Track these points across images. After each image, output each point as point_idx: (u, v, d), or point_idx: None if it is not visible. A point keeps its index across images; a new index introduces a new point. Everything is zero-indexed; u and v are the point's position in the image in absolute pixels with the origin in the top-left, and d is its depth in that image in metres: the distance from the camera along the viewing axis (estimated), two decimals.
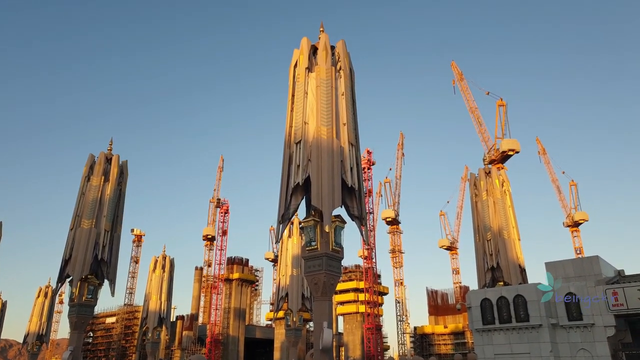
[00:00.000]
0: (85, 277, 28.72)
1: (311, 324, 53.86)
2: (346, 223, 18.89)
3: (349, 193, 19.14)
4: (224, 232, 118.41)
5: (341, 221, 18.64)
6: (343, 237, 18.74)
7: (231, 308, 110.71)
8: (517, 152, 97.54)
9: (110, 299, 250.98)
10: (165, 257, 50.73)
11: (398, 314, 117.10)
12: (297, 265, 40.13)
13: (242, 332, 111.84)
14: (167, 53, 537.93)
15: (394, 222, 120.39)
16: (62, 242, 29.89)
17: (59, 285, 29.45)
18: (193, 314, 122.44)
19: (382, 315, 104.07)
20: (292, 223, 41.19)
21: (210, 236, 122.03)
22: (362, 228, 19.23)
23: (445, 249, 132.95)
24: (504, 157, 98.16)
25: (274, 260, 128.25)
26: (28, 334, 51.53)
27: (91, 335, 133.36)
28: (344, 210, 19.10)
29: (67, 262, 28.99)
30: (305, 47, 20.98)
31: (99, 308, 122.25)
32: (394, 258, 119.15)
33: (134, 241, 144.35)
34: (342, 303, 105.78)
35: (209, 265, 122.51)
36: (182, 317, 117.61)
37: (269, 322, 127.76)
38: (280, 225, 19.10)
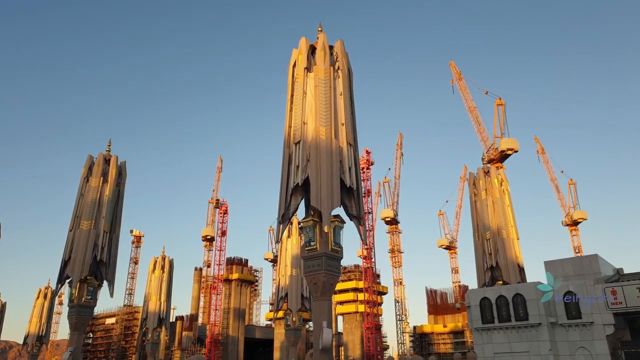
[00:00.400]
0: (85, 278, 28.81)
1: (311, 323, 54.08)
2: (345, 223, 18.94)
3: (347, 193, 19.17)
4: (223, 233, 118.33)
5: (340, 221, 18.67)
6: (342, 237, 18.80)
7: (231, 308, 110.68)
8: (516, 151, 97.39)
9: (110, 300, 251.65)
10: (164, 258, 50.79)
11: (397, 313, 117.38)
12: (296, 265, 40.17)
13: (242, 332, 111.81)
14: (166, 54, 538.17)
15: (393, 221, 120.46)
16: (61, 243, 29.96)
17: (58, 286, 29.53)
18: (193, 315, 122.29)
19: (381, 315, 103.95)
20: (291, 223, 41.21)
21: (209, 237, 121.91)
22: (361, 228, 19.26)
23: (444, 248, 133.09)
24: (503, 156, 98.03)
25: (273, 261, 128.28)
26: (28, 335, 51.66)
27: (91, 336, 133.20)
28: (343, 210, 19.15)
29: (66, 263, 29.07)
30: (304, 47, 20.99)
31: (99, 309, 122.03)
32: (393, 258, 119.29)
33: (133, 242, 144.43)
34: (341, 303, 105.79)
35: (209, 266, 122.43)
36: (181, 317, 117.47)
37: (269, 322, 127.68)
38: (280, 226, 19.15)
